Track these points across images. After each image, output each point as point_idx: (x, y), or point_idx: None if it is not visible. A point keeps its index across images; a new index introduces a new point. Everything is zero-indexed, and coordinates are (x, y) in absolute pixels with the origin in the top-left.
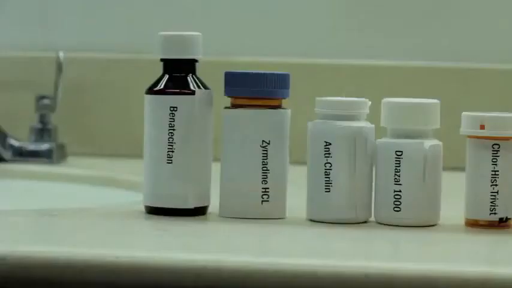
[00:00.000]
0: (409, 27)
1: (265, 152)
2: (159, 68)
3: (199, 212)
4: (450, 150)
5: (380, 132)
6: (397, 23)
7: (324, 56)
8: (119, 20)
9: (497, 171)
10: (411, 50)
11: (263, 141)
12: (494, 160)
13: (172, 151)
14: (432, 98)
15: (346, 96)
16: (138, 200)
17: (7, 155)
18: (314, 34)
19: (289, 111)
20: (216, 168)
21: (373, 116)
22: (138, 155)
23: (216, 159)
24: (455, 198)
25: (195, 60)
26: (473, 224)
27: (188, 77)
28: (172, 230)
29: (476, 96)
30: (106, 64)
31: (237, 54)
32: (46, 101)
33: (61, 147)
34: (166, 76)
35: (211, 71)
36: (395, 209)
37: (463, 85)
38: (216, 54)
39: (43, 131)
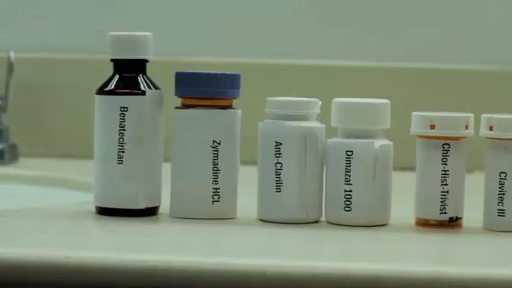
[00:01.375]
0: (359, 28)
1: (215, 152)
2: (111, 68)
3: (150, 212)
4: (401, 150)
5: (331, 132)
6: (348, 23)
7: (275, 56)
8: (71, 20)
9: (448, 170)
10: (362, 51)
11: (214, 141)
12: (444, 160)
13: (123, 151)
14: (383, 98)
15: (296, 96)
16: (89, 201)
17: None
18: (265, 34)
19: (239, 111)
20: (167, 169)
21: (324, 116)
22: (89, 155)
23: (167, 160)
24: (405, 198)
25: (145, 61)
26: (423, 224)
27: (139, 77)
28: (123, 231)
29: (426, 96)
30: (57, 64)
31: (188, 55)
32: None
33: (13, 148)
34: (117, 76)
35: (162, 71)
36: (346, 208)
37: (414, 85)
38: (167, 55)
39: None
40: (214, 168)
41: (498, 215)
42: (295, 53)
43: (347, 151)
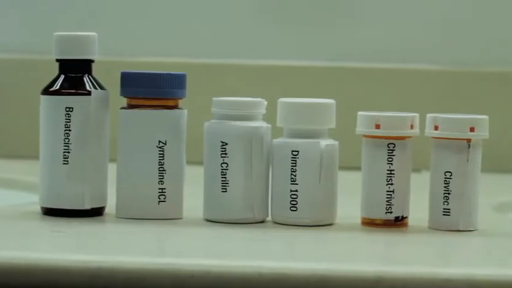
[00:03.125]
0: (305, 28)
1: (161, 152)
2: (56, 69)
3: (95, 212)
4: (346, 150)
5: (277, 132)
6: (294, 24)
7: (221, 56)
8: (16, 21)
9: (393, 170)
10: (308, 50)
11: (159, 141)
12: (389, 159)
13: (68, 152)
14: (328, 98)
15: (242, 96)
16: (35, 201)
17: None
18: (211, 34)
19: (185, 111)
20: (113, 169)
21: (270, 116)
22: (35, 156)
23: (113, 160)
24: (351, 197)
25: (91, 61)
26: (369, 223)
27: (84, 78)
28: (68, 231)
29: (372, 96)
30: (2, 64)
31: (134, 55)
32: None
33: None
34: (62, 76)
35: (107, 71)
36: (292, 208)
37: (359, 85)
38: (113, 55)
39: None
40: (160, 169)
41: (443, 214)
42: (241, 53)
43: (293, 151)
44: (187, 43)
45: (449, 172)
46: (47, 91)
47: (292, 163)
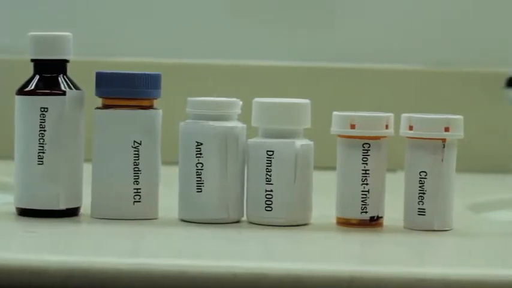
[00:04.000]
0: (281, 28)
1: (136, 152)
2: (31, 69)
3: (71, 213)
4: (321, 150)
5: (252, 132)
6: (269, 24)
7: (197, 56)
8: None
9: (368, 170)
10: (283, 51)
11: (134, 141)
12: (364, 159)
13: (43, 152)
14: (304, 98)
15: (218, 96)
16: (10, 202)
17: None
18: (186, 34)
19: (160, 112)
20: (88, 169)
21: (245, 116)
22: (10, 156)
23: (88, 160)
24: (326, 197)
25: (65, 61)
26: (344, 223)
27: (59, 78)
28: (43, 232)
29: (347, 96)
30: None
31: (109, 55)
32: None
33: None
34: (37, 77)
35: (83, 71)
36: (267, 208)
37: (334, 85)
38: (88, 55)
39: None
40: (135, 169)
41: (418, 214)
42: (217, 53)
43: (268, 151)
44: (163, 43)
45: (424, 172)
46: (21, 91)
47: (267, 163)
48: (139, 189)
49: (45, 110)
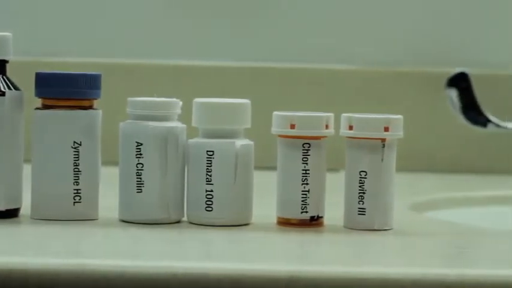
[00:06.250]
0: (221, 28)
1: (76, 153)
2: None
3: (10, 214)
4: (262, 150)
5: (193, 132)
6: (210, 23)
7: (137, 56)
8: None
9: (308, 170)
10: (223, 50)
11: (74, 142)
12: (304, 159)
13: None
14: (244, 98)
15: (157, 97)
16: None
17: None
18: (126, 34)
19: (100, 112)
20: (28, 170)
21: (185, 116)
22: None
23: (28, 161)
24: (267, 197)
25: (5, 61)
26: (284, 223)
27: None
28: None
29: (287, 95)
30: None
31: (49, 55)
32: None
33: None
34: None
35: (23, 72)
36: (208, 208)
37: (275, 85)
38: (28, 55)
39: None
40: (75, 169)
41: (358, 214)
42: (157, 53)
43: (208, 151)
44: (102, 43)
45: (364, 172)
46: None
47: (207, 163)
48: (80, 189)
49: None
